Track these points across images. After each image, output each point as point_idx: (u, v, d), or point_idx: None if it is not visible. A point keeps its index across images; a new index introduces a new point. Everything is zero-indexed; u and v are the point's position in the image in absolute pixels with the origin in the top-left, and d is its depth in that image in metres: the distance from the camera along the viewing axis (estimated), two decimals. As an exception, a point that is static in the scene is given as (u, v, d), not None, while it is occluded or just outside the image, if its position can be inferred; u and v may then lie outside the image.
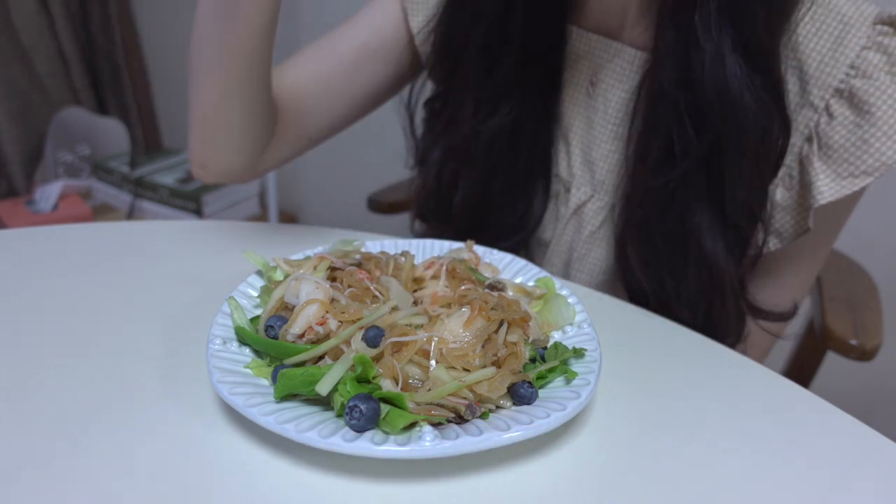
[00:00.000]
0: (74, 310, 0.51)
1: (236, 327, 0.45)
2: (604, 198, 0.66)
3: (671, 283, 0.59)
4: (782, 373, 0.66)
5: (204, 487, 0.36)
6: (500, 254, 0.58)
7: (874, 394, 1.30)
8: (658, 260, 0.59)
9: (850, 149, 0.54)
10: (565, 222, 0.68)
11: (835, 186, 0.55)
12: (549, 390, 0.42)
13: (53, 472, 0.36)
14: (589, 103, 0.65)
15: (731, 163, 0.54)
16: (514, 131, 0.64)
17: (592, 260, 0.67)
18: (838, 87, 0.54)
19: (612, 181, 0.65)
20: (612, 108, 0.63)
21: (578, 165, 0.66)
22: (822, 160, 0.56)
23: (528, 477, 0.38)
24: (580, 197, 0.67)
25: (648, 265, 0.59)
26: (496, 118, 0.63)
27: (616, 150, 0.64)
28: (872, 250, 0.95)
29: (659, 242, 0.58)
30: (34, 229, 0.64)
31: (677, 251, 0.58)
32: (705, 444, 0.41)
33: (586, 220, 0.67)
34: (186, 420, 0.40)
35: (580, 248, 0.67)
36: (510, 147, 0.65)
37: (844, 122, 0.54)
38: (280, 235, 0.67)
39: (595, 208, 0.66)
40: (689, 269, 0.58)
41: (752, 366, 0.51)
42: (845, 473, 0.40)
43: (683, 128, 0.54)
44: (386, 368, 0.39)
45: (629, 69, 0.62)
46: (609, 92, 0.63)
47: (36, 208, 1.71)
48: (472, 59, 0.62)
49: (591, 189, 0.66)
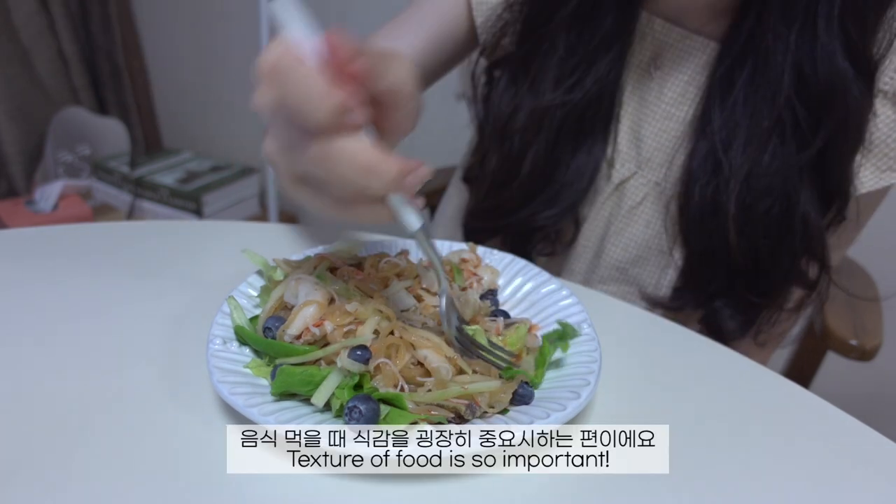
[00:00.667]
0: (74, 310, 0.51)
1: (236, 327, 0.45)
2: (647, 174, 0.68)
3: (761, 254, 0.62)
4: (782, 373, 0.66)
5: (204, 487, 0.36)
6: (500, 254, 0.58)
7: (874, 394, 1.30)
8: (759, 232, 0.62)
9: (891, 144, 0.60)
10: (605, 197, 0.69)
11: (873, 179, 0.61)
12: (549, 390, 0.42)
13: (53, 472, 0.36)
14: (643, 83, 0.67)
15: (839, 149, 0.59)
16: (588, 106, 0.66)
17: (629, 235, 0.69)
18: (883, 89, 0.59)
19: (659, 159, 0.67)
20: (669, 90, 0.65)
21: (625, 143, 0.68)
22: (863, 154, 0.61)
23: (527, 477, 0.38)
24: (623, 173, 0.68)
25: (748, 238, 0.62)
26: (577, 92, 0.64)
27: (666, 129, 0.66)
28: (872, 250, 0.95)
29: (762, 217, 0.61)
30: (34, 229, 0.64)
31: (776, 225, 0.61)
32: (705, 444, 0.41)
33: (628, 195, 0.68)
34: (186, 420, 0.40)
35: (618, 222, 0.69)
36: (581, 120, 0.66)
37: (886, 120, 0.60)
38: (280, 235, 0.67)
39: (637, 184, 0.68)
40: (785, 242, 0.62)
41: (752, 366, 0.51)
42: (845, 473, 0.40)
43: (797, 116, 0.58)
44: (386, 376, 0.39)
45: (694, 54, 0.64)
46: (668, 74, 0.65)
47: (36, 208, 1.71)
48: (561, 32, 0.63)
49: (636, 166, 0.68)
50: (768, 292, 0.64)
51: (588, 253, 0.72)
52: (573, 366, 0.44)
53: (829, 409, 0.45)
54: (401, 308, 0.46)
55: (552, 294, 0.52)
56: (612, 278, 0.71)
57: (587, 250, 0.71)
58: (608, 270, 0.71)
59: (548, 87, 0.65)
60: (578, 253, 0.72)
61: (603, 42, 0.63)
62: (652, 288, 0.70)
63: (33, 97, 1.90)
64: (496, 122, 0.68)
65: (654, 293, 0.69)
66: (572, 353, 0.45)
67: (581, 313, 0.49)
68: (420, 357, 0.40)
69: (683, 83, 0.65)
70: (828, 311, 0.80)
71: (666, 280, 0.68)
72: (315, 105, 0.32)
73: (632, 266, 0.70)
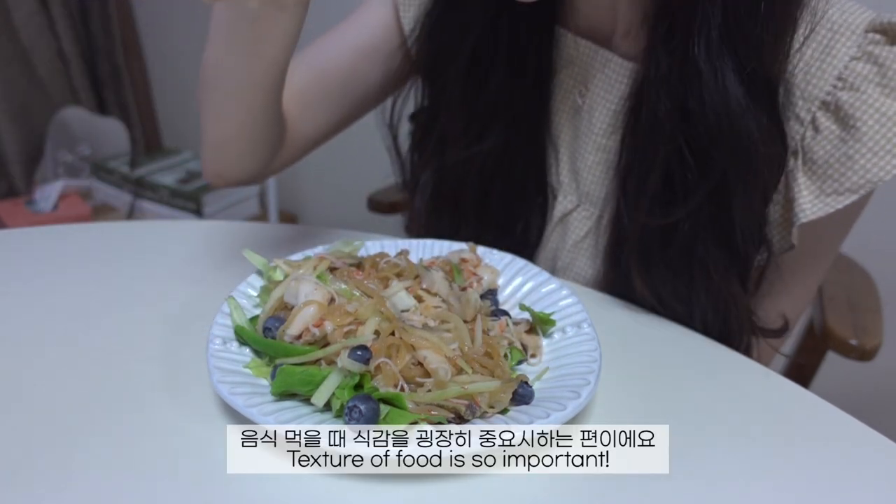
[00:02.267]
0: (74, 310, 0.51)
1: (236, 327, 0.45)
2: (589, 208, 0.65)
3: (681, 304, 0.58)
4: (782, 373, 0.66)
5: (204, 487, 0.36)
6: (500, 254, 0.58)
7: (874, 394, 1.30)
8: (664, 286, 0.57)
9: (835, 164, 0.52)
10: (551, 229, 0.68)
11: (818, 203, 0.53)
12: (549, 390, 0.42)
13: (54, 472, 0.36)
14: (576, 112, 0.64)
15: (739, 193, 0.52)
16: (507, 151, 0.63)
17: (577, 269, 0.67)
18: (825, 100, 0.52)
19: (598, 192, 0.64)
20: (598, 120, 0.61)
21: (566, 174, 0.66)
22: (807, 175, 0.54)
23: (527, 477, 0.38)
24: (566, 206, 0.66)
25: (654, 291, 0.58)
26: (489, 140, 0.62)
27: (600, 161, 0.62)
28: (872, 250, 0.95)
29: (665, 269, 0.56)
30: (34, 229, 0.64)
31: (683, 279, 0.56)
32: (705, 444, 0.41)
33: (571, 228, 0.66)
34: (186, 420, 0.40)
35: (564, 256, 0.67)
36: (504, 167, 0.64)
37: (830, 136, 0.52)
38: (280, 235, 0.67)
39: (580, 217, 0.65)
40: (698, 293, 0.57)
41: (752, 366, 0.51)
42: (845, 473, 0.40)
43: (684, 163, 0.52)
44: (386, 376, 0.39)
45: (617, 80, 0.60)
46: (596, 102, 0.61)
47: (36, 208, 1.71)
48: (461, 76, 0.61)
49: (577, 199, 0.65)
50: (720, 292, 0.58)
51: None
52: (573, 366, 0.44)
53: (829, 409, 0.45)
54: (401, 308, 0.46)
55: (552, 294, 0.52)
56: None
57: None
58: None
59: (457, 140, 0.63)
60: None
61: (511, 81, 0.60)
62: None
63: (33, 97, 1.90)
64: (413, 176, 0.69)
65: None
66: (572, 353, 0.45)
67: (581, 313, 0.49)
68: (420, 357, 0.40)
69: (612, 112, 0.60)
70: (828, 311, 0.80)
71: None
72: None
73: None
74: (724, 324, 0.58)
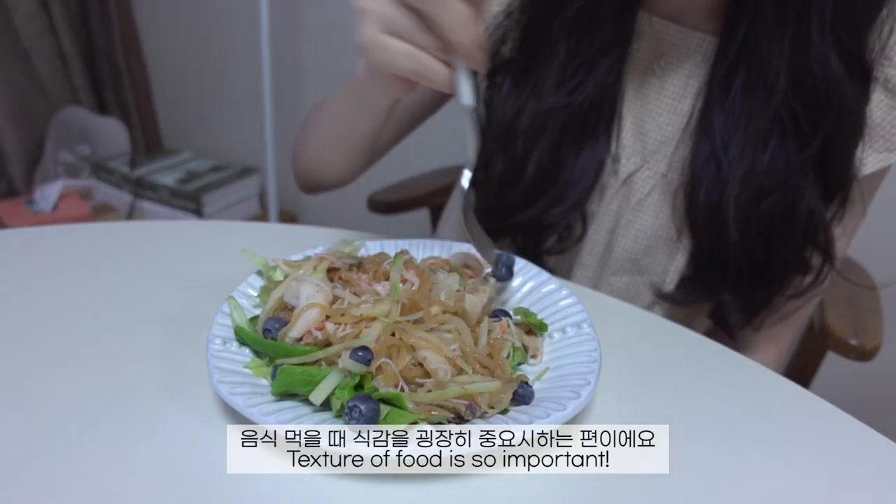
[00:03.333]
0: (74, 310, 0.51)
1: (236, 327, 0.45)
2: (654, 166, 0.69)
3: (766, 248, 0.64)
4: (782, 373, 0.66)
5: (204, 487, 0.36)
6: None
7: (874, 394, 1.30)
8: (759, 230, 0.63)
9: (886, 126, 0.62)
10: (613, 192, 0.71)
11: (872, 160, 0.63)
12: (549, 390, 0.42)
13: (53, 472, 0.36)
14: (644, 79, 0.68)
15: (840, 146, 0.61)
16: (591, 107, 0.67)
17: (639, 226, 0.70)
18: (875, 75, 0.60)
19: (664, 151, 0.68)
20: (670, 84, 0.67)
21: (629, 137, 0.70)
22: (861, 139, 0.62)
23: (527, 478, 0.38)
24: (630, 167, 0.69)
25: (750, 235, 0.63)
26: (580, 94, 0.66)
27: (670, 122, 0.68)
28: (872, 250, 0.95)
29: (763, 216, 0.62)
30: (34, 229, 0.64)
31: (780, 221, 0.62)
32: (705, 444, 0.41)
33: (636, 188, 0.70)
34: (186, 420, 0.40)
35: (628, 215, 0.70)
36: (583, 121, 0.68)
37: (880, 104, 0.62)
38: (280, 235, 0.67)
39: (644, 177, 0.69)
40: (791, 236, 0.63)
41: (752, 366, 0.51)
42: (845, 473, 0.40)
43: (795, 115, 0.60)
44: (386, 376, 0.39)
45: (692, 50, 0.66)
46: (668, 69, 0.67)
47: (36, 208, 1.71)
48: (563, 34, 0.65)
49: (641, 159, 0.69)
50: (774, 282, 0.66)
51: (599, 247, 0.73)
52: (573, 366, 0.44)
53: (829, 409, 0.45)
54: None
55: (552, 294, 0.52)
56: (624, 269, 0.72)
57: (598, 244, 0.73)
58: (620, 262, 0.72)
59: (550, 90, 0.66)
60: (589, 247, 0.73)
61: (602, 46, 0.65)
62: (660, 277, 0.71)
63: (33, 97, 1.90)
64: (499, 125, 0.70)
65: (663, 284, 0.70)
66: (572, 353, 0.45)
67: (581, 313, 0.49)
68: (420, 358, 0.40)
69: (684, 77, 0.67)
70: (828, 311, 0.80)
71: (673, 268, 0.69)
72: None
73: (643, 256, 0.71)
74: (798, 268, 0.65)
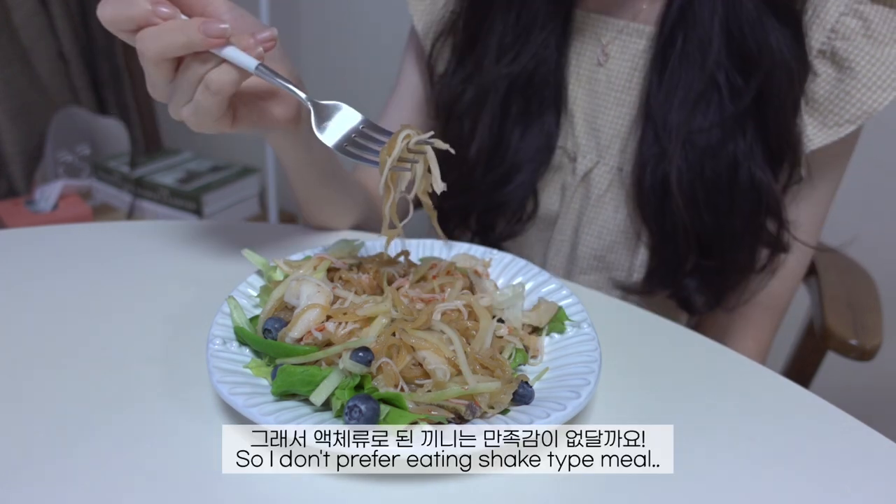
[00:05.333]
0: (74, 310, 0.51)
1: (236, 327, 0.45)
2: (609, 161, 0.70)
3: (716, 218, 0.64)
4: (782, 373, 0.66)
5: (204, 487, 0.36)
6: (501, 254, 0.58)
7: (874, 394, 1.30)
8: (707, 198, 0.64)
9: (835, 101, 0.62)
10: (573, 191, 0.72)
11: (821, 135, 0.63)
12: (549, 390, 0.42)
13: (53, 472, 0.36)
14: (592, 75, 0.70)
15: (776, 103, 0.61)
16: (532, 82, 0.69)
17: (601, 222, 0.71)
18: (821, 49, 0.62)
19: (617, 145, 0.69)
20: (616, 78, 0.68)
21: (583, 135, 0.71)
22: (809, 113, 0.63)
23: (527, 478, 0.38)
24: (586, 164, 0.71)
25: (696, 205, 0.64)
26: (517, 65, 0.68)
27: (620, 116, 0.69)
28: (872, 250, 0.95)
29: (708, 182, 0.63)
30: (34, 229, 0.64)
31: (726, 187, 0.63)
32: (705, 445, 0.41)
33: (594, 185, 0.71)
34: (186, 420, 0.40)
35: (589, 212, 0.71)
36: (526, 98, 0.70)
37: (828, 78, 0.62)
38: (280, 235, 0.67)
39: (601, 173, 0.70)
40: (738, 202, 0.63)
41: (752, 366, 0.51)
42: (845, 473, 0.40)
43: (728, 74, 0.61)
44: (387, 376, 0.39)
45: (634, 42, 0.67)
46: (614, 63, 0.68)
47: (36, 208, 1.71)
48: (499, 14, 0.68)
49: (597, 155, 0.70)
50: (730, 256, 0.66)
51: (565, 247, 0.74)
52: (573, 366, 0.44)
53: (829, 409, 0.45)
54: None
55: (552, 294, 0.52)
56: (592, 267, 0.73)
57: (564, 244, 0.74)
58: (586, 260, 0.73)
59: (490, 62, 0.69)
60: (556, 248, 0.74)
61: (538, 19, 0.67)
62: (625, 273, 0.72)
63: (33, 97, 1.90)
64: (447, 102, 0.73)
65: (627, 279, 0.71)
66: (572, 353, 0.45)
67: (581, 313, 0.49)
68: (419, 358, 0.40)
69: (629, 70, 0.68)
70: (828, 311, 0.80)
71: (638, 262, 0.70)
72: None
73: (608, 252, 0.72)
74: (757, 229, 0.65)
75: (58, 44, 1.95)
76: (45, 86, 1.94)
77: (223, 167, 1.99)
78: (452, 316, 0.45)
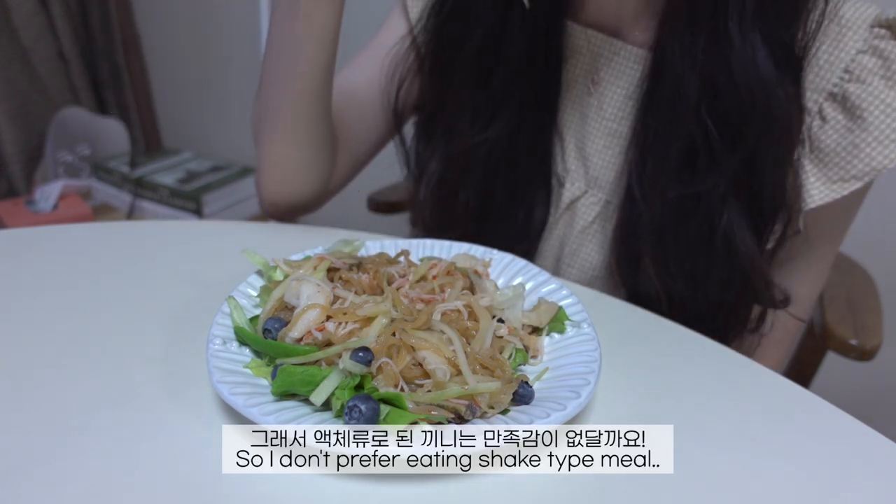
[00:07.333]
0: (74, 310, 0.51)
1: (236, 327, 0.45)
2: (597, 193, 0.65)
3: (691, 284, 0.58)
4: (782, 373, 0.66)
5: (203, 487, 0.36)
6: (501, 254, 0.58)
7: (874, 394, 1.30)
8: (680, 263, 0.58)
9: (841, 153, 0.54)
10: (558, 216, 0.68)
11: (824, 190, 0.56)
12: (549, 390, 0.42)
13: (53, 472, 0.36)
14: (584, 100, 0.64)
15: (766, 160, 0.54)
16: (512, 139, 0.64)
17: (584, 255, 0.67)
18: (832, 91, 0.54)
19: (607, 177, 0.64)
20: (608, 105, 0.63)
21: (572, 160, 0.66)
22: (814, 163, 0.56)
23: (528, 477, 0.38)
24: (574, 192, 0.66)
25: (667, 269, 0.58)
26: (494, 128, 0.62)
27: (610, 146, 0.64)
28: (872, 250, 0.95)
29: (681, 246, 0.57)
30: (34, 229, 0.64)
31: (701, 253, 0.57)
32: (705, 445, 0.41)
33: (579, 214, 0.66)
34: (186, 420, 0.40)
35: (571, 242, 0.67)
36: (509, 155, 0.65)
37: (837, 126, 0.54)
38: (280, 235, 0.67)
39: (588, 203, 0.66)
40: (714, 269, 0.57)
41: (752, 366, 0.50)
42: (845, 473, 0.40)
43: (709, 136, 0.53)
44: (387, 376, 0.39)
45: (628, 67, 0.61)
46: (606, 88, 0.63)
47: (36, 208, 1.71)
48: (470, 64, 0.62)
49: (585, 185, 0.66)
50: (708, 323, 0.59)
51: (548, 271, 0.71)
52: (573, 366, 0.44)
53: (829, 409, 0.45)
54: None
55: (552, 294, 0.52)
56: None
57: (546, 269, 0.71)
58: None
59: (464, 127, 0.63)
60: None
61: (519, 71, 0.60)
62: None
63: (33, 97, 1.90)
64: (419, 165, 0.69)
65: None
66: (572, 353, 0.45)
67: (581, 313, 0.49)
68: (419, 358, 0.40)
69: (622, 97, 0.62)
70: (828, 311, 0.80)
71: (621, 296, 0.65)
72: None
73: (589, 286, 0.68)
74: (738, 298, 0.59)
75: (58, 44, 1.94)
76: (45, 86, 1.94)
77: (223, 167, 1.99)
78: (452, 316, 0.44)
